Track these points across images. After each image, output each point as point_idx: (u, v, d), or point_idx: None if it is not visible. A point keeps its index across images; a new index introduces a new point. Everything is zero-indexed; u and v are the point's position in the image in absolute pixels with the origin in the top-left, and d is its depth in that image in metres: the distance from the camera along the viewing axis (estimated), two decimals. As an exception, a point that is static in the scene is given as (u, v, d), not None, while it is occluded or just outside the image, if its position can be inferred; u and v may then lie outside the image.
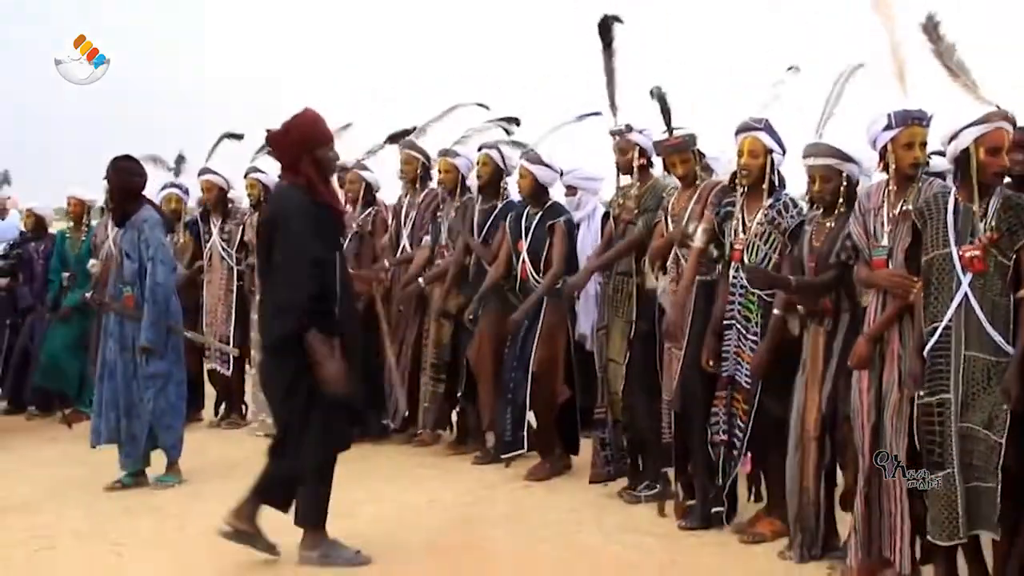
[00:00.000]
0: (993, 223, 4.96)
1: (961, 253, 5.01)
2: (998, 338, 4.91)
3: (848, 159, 5.90)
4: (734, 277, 6.42)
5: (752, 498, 6.70)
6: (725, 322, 6.45)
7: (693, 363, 6.60)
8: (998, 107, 5.06)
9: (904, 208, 5.42)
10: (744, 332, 6.33)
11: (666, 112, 6.92)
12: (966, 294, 4.98)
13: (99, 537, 6.64)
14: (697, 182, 6.94)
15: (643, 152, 7.28)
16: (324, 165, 5.97)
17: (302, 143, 5.88)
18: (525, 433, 8.13)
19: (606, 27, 7.28)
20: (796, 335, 6.16)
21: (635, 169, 7.30)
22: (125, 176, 7.76)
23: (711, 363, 6.46)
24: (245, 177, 10.01)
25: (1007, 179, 5.17)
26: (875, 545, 5.47)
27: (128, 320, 7.67)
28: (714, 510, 6.58)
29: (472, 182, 8.91)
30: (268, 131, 6.04)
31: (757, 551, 6.22)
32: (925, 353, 5.10)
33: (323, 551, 6.00)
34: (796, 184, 6.65)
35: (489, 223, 8.55)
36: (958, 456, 4.94)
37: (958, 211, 5.09)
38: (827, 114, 6.11)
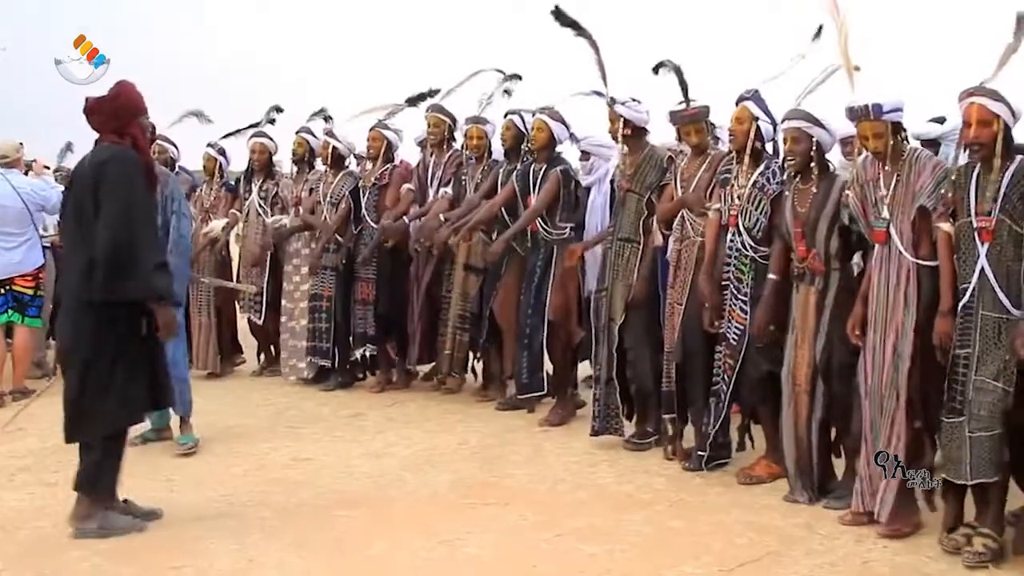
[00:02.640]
0: (1007, 192, 5.30)
1: (977, 225, 5.38)
2: (1005, 300, 5.29)
3: (818, 124, 6.28)
4: (730, 240, 6.83)
5: (737, 447, 7.15)
6: (723, 283, 6.86)
7: (693, 317, 7.03)
8: (981, 84, 5.40)
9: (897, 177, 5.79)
10: (736, 292, 6.75)
11: (683, 84, 7.22)
12: (984, 260, 5.35)
13: (153, 474, 7.10)
14: (708, 151, 7.32)
15: (627, 123, 7.62)
16: (146, 131, 6.40)
17: (131, 109, 6.19)
18: (543, 376, 8.63)
19: (560, 16, 7.60)
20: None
21: (620, 138, 7.63)
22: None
23: (716, 323, 6.88)
24: (296, 134, 10.59)
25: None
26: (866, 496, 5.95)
27: None
28: (711, 454, 7.05)
29: (497, 147, 9.32)
30: (88, 99, 6.19)
31: (756, 491, 6.70)
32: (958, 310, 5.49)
33: (100, 522, 5.97)
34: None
35: (510, 182, 8.92)
36: (970, 407, 5.37)
37: (978, 182, 5.43)
38: (808, 88, 6.50)
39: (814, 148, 6.30)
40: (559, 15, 7.59)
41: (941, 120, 7.32)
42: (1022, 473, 5.68)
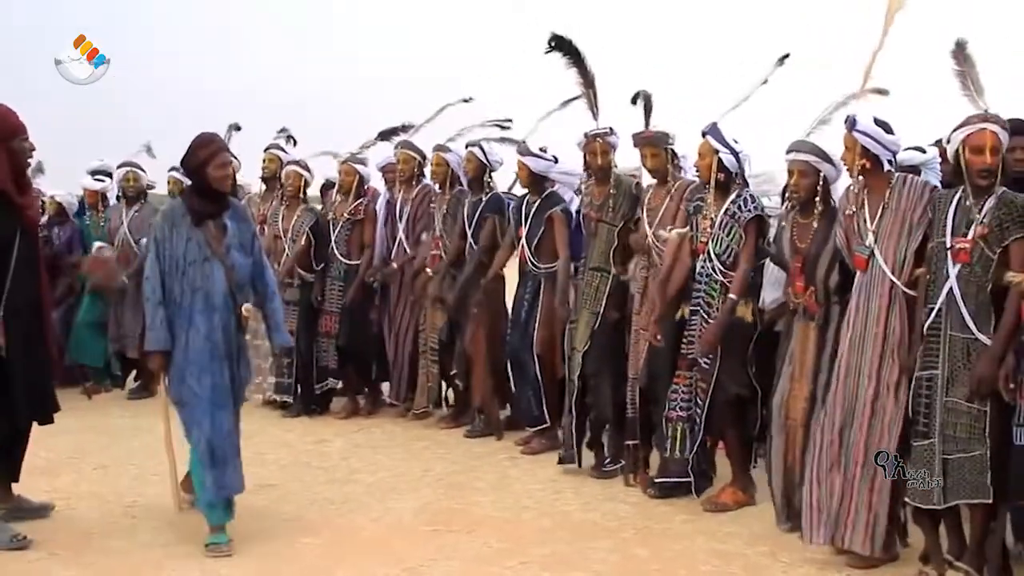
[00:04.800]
0: (986, 219, 5.30)
1: (952, 244, 5.39)
2: (971, 322, 5.29)
3: (827, 159, 6.23)
4: (701, 267, 6.87)
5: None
6: (691, 308, 6.90)
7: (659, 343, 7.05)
8: (986, 111, 5.39)
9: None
10: (706, 317, 6.79)
11: (648, 109, 7.33)
12: (954, 281, 5.36)
13: (115, 500, 7.05)
14: (669, 179, 7.37)
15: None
16: (18, 155, 6.29)
17: None
18: (547, 408, 8.54)
19: (561, 43, 7.54)
20: (748, 321, 6.68)
21: (611, 172, 7.68)
22: None
23: (658, 337, 6.95)
24: (266, 151, 10.52)
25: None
26: (831, 527, 5.84)
27: None
28: (678, 481, 7.02)
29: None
30: None
31: (722, 518, 6.70)
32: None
33: None
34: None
35: (477, 215, 8.99)
36: (940, 428, 5.35)
37: (960, 206, 5.45)
38: (819, 118, 6.43)
39: (820, 183, 6.25)
40: (559, 44, 7.55)
41: (922, 149, 7.35)
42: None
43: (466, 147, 9.25)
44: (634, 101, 7.37)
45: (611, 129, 7.65)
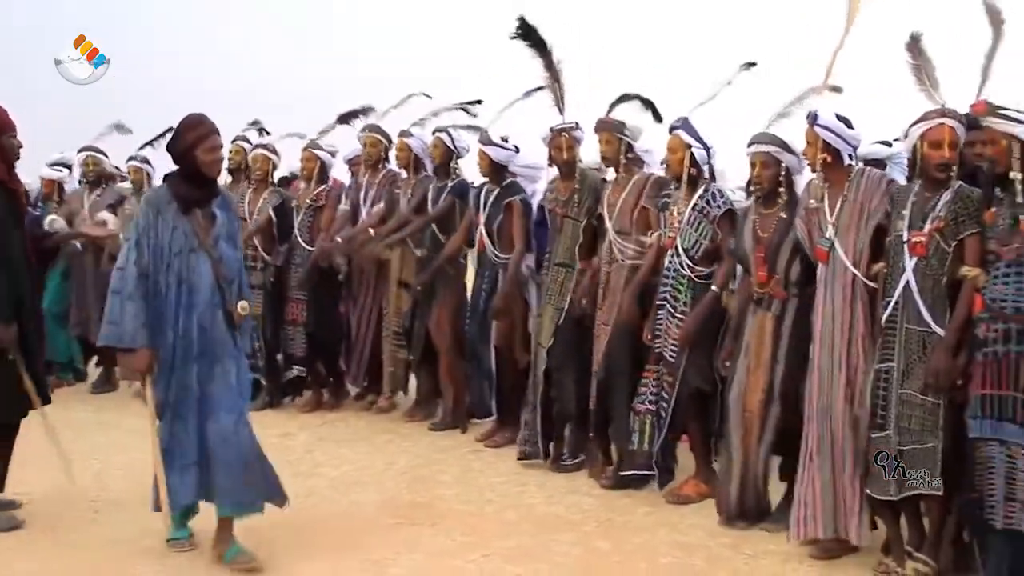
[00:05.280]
0: (942, 213, 5.38)
1: (909, 238, 5.46)
2: (927, 315, 5.37)
3: (788, 150, 6.30)
4: (669, 261, 6.91)
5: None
6: (657, 303, 6.94)
7: (619, 338, 7.13)
8: (943, 105, 5.47)
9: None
10: (673, 311, 6.83)
11: (623, 100, 7.44)
12: (910, 274, 5.43)
13: (78, 495, 6.97)
14: (621, 170, 7.40)
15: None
16: (7, 151, 6.31)
17: None
18: (490, 401, 8.64)
19: (527, 30, 7.58)
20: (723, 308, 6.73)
21: (576, 167, 7.74)
22: None
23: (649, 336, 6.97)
24: (233, 142, 10.36)
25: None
26: (822, 522, 5.85)
27: None
28: (643, 473, 7.05)
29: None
30: None
31: (684, 511, 6.75)
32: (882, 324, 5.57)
33: None
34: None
35: (441, 199, 9.00)
36: (896, 420, 5.44)
37: (917, 200, 5.51)
38: (780, 112, 6.44)
39: (783, 173, 6.32)
40: (525, 32, 7.58)
41: (888, 143, 7.41)
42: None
43: (433, 133, 9.24)
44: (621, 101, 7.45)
45: (577, 124, 7.68)
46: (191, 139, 5.68)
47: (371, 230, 9.24)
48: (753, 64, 6.97)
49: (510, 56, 7.51)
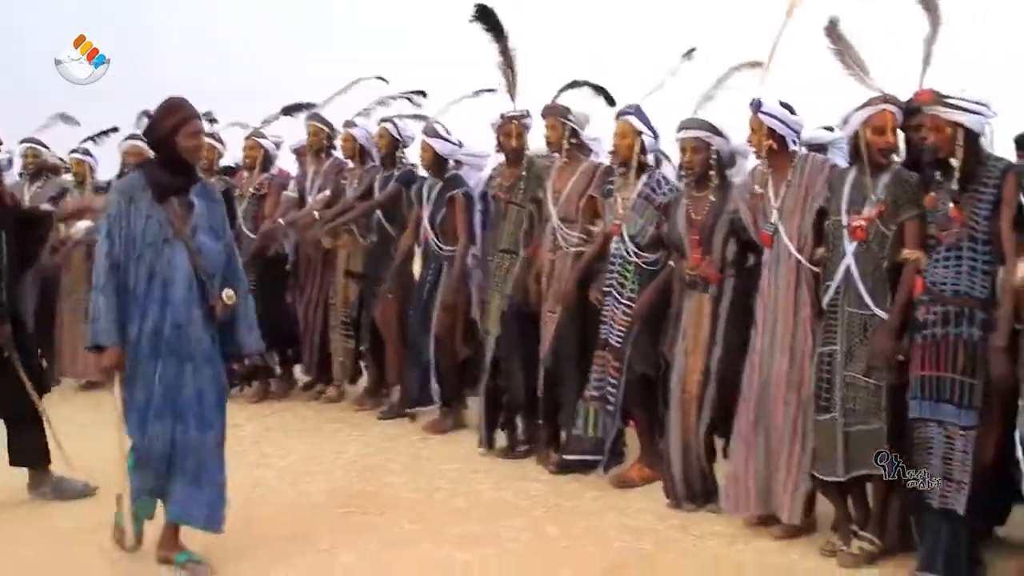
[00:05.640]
0: (882, 197, 5.45)
1: (849, 222, 5.53)
2: (868, 299, 5.45)
3: (717, 133, 6.36)
4: (615, 248, 6.91)
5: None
6: (604, 289, 6.94)
7: (565, 324, 7.14)
8: (882, 92, 5.55)
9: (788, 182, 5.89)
10: (619, 297, 6.84)
11: (572, 86, 7.45)
12: (851, 258, 5.50)
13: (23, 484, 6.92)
14: (564, 157, 7.39)
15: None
16: None
17: None
18: (432, 389, 8.54)
19: (484, 13, 7.58)
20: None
21: (524, 154, 7.75)
22: None
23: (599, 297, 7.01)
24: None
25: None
26: (755, 500, 5.96)
27: None
28: (590, 459, 7.07)
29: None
30: None
31: (632, 495, 6.79)
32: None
33: (52, 487, 6.80)
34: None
35: (389, 187, 8.95)
36: (841, 402, 5.51)
37: (855, 184, 5.59)
38: (706, 95, 6.53)
39: (713, 157, 6.37)
40: (483, 15, 7.58)
41: (830, 128, 7.46)
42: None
43: (379, 123, 9.23)
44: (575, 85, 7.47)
45: (527, 112, 7.68)
46: (171, 124, 5.34)
47: (316, 213, 9.22)
48: (693, 51, 7.00)
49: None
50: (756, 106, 5.92)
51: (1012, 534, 5.49)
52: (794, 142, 6.04)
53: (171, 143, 5.35)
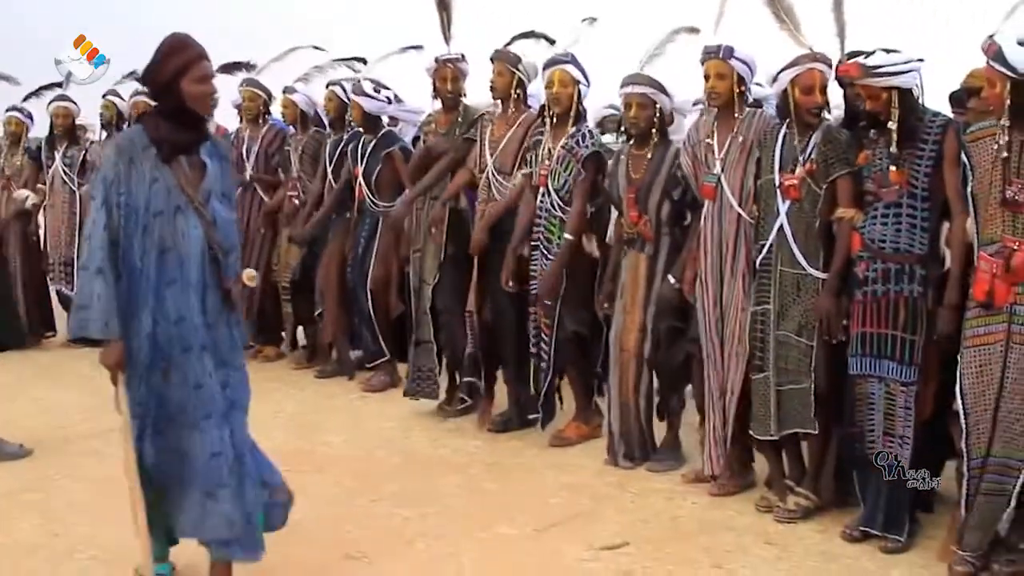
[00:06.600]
0: (812, 155, 5.46)
1: (781, 181, 5.53)
2: (800, 257, 5.46)
3: (663, 91, 6.31)
4: (540, 201, 6.83)
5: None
6: (532, 243, 6.88)
7: (497, 277, 7.04)
8: (811, 50, 5.54)
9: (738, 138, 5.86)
10: (547, 253, 6.76)
11: (524, 36, 7.39)
12: (784, 217, 5.51)
13: None
14: (513, 111, 7.23)
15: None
16: None
17: None
18: (384, 343, 8.53)
19: None
20: (595, 256, 6.75)
21: (460, 100, 7.67)
22: None
23: (510, 283, 6.94)
24: (104, 97, 10.40)
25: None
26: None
27: None
28: (529, 416, 7.13)
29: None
30: None
31: (571, 452, 6.82)
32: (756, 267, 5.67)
33: None
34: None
35: (338, 153, 8.85)
36: (774, 361, 5.55)
37: (785, 143, 5.59)
38: (650, 52, 6.46)
39: (656, 115, 6.33)
40: None
41: (759, 84, 7.47)
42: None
43: (327, 86, 9.18)
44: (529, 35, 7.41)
45: (462, 55, 7.60)
46: (175, 66, 4.34)
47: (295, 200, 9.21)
48: (593, 19, 7.10)
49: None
50: (728, 52, 5.82)
51: (948, 488, 5.54)
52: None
53: (175, 90, 4.35)
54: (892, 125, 5.11)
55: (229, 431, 4.51)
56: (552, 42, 7.38)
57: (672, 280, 6.17)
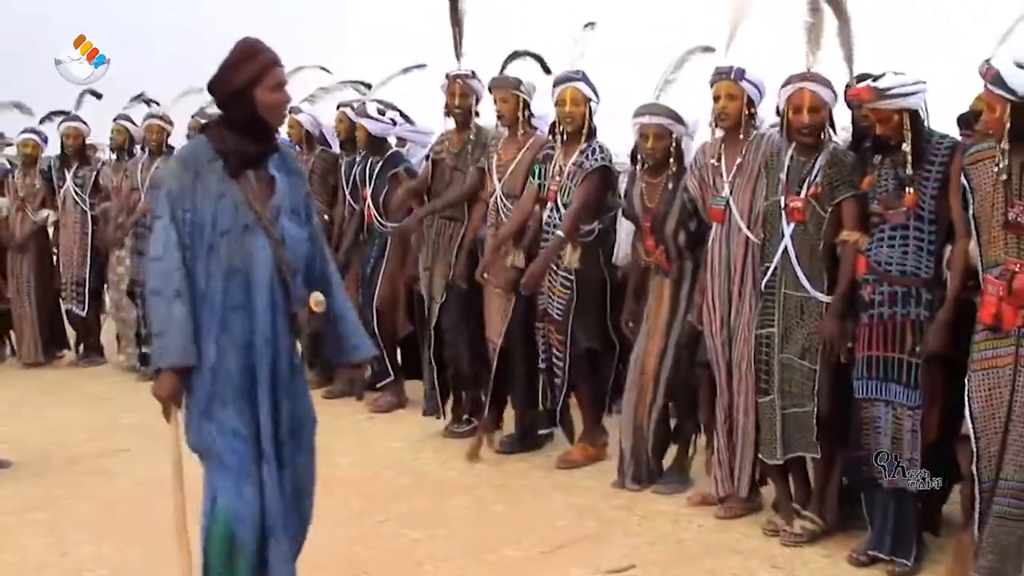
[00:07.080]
0: (818, 178, 5.44)
1: (787, 203, 5.52)
2: (804, 280, 5.45)
3: (679, 120, 6.31)
4: (548, 215, 6.82)
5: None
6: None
7: (516, 303, 7.02)
8: (808, 69, 5.52)
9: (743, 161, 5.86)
10: (556, 268, 6.75)
11: (514, 55, 7.37)
12: (789, 239, 5.50)
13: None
14: (521, 130, 7.20)
15: (478, 99, 7.59)
16: None
17: None
18: (389, 363, 8.56)
19: None
20: (576, 266, 6.70)
21: (472, 115, 7.59)
22: None
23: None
24: (115, 121, 10.43)
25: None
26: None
27: None
28: (540, 432, 7.16)
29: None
30: None
31: (577, 474, 6.80)
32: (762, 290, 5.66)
33: None
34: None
35: (353, 174, 8.85)
36: (778, 384, 5.53)
37: (791, 164, 5.57)
38: (665, 78, 6.44)
39: (673, 144, 6.32)
40: None
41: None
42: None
43: (337, 108, 9.23)
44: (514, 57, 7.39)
45: (473, 72, 7.52)
46: (249, 73, 4.02)
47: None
48: (592, 24, 7.03)
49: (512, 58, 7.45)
50: (739, 74, 5.83)
51: (952, 512, 5.53)
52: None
53: (248, 98, 4.03)
54: (907, 147, 5.09)
55: (305, 473, 4.53)
56: (543, 63, 7.38)
57: (692, 319, 6.16)
